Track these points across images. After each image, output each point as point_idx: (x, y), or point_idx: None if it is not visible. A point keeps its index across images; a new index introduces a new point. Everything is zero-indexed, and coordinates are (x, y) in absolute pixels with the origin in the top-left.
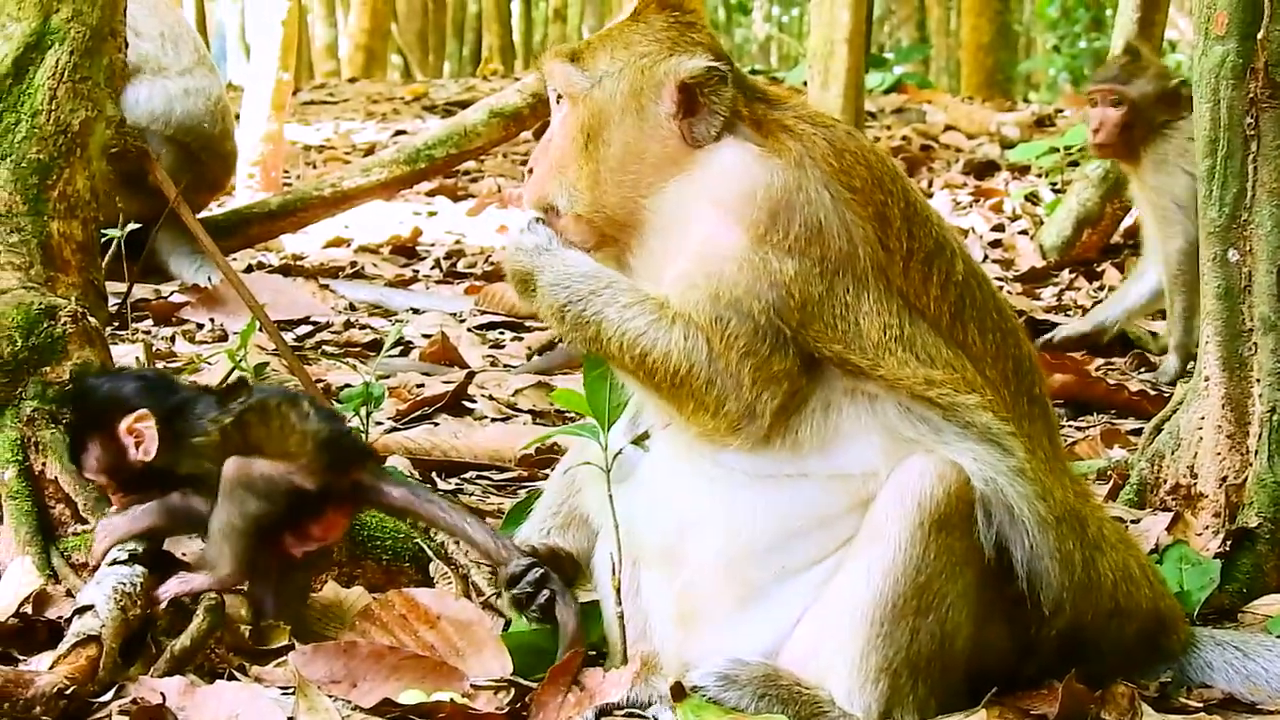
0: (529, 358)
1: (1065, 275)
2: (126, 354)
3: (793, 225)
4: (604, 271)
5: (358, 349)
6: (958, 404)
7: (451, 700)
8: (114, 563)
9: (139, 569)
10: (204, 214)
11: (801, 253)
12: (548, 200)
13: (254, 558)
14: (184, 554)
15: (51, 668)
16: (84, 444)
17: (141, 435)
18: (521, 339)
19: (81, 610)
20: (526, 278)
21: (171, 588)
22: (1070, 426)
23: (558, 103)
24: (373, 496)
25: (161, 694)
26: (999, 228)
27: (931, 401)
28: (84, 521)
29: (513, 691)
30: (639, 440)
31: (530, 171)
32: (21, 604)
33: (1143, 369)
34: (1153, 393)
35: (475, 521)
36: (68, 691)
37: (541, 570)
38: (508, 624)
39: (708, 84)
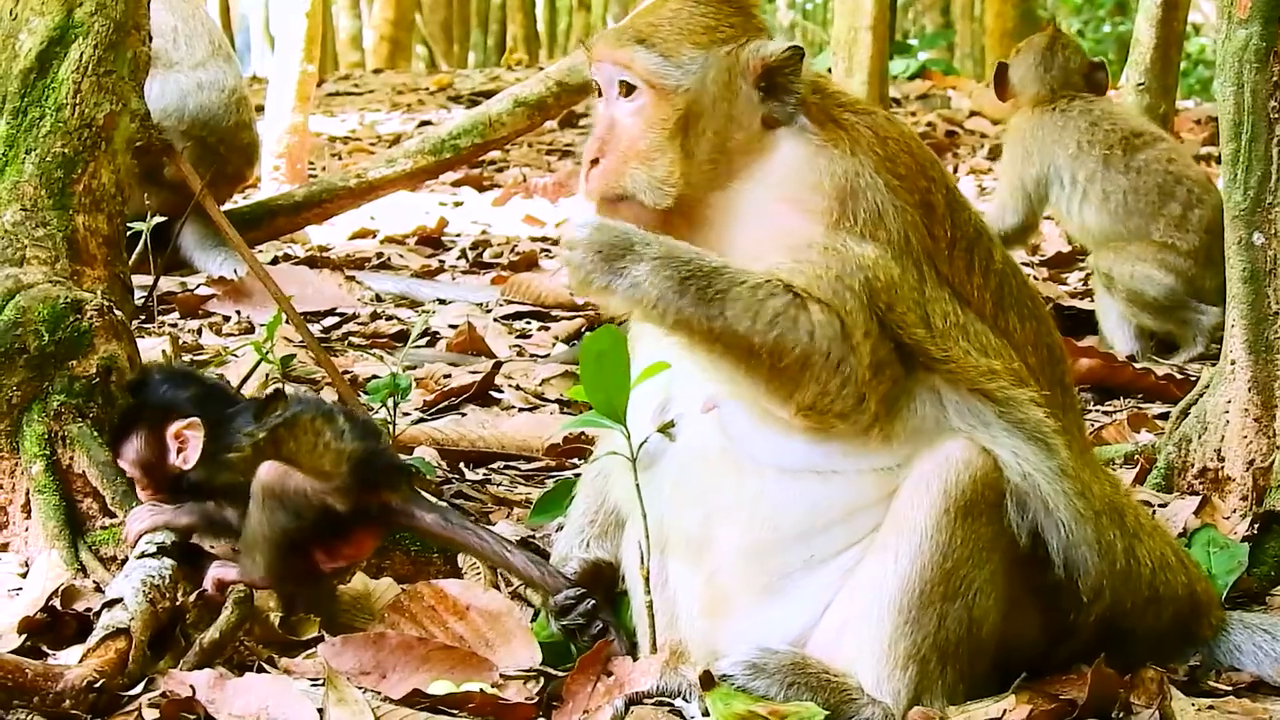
0: (567, 342)
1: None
2: (153, 347)
3: (859, 210)
4: (706, 252)
5: (384, 340)
6: (1013, 398)
7: (481, 690)
8: (142, 555)
9: (168, 562)
10: (229, 206)
11: (872, 236)
12: (621, 192)
13: (284, 563)
14: (211, 546)
15: (81, 660)
16: (129, 435)
17: (186, 442)
18: (548, 328)
19: (110, 603)
20: (618, 255)
21: (214, 573)
22: (1097, 411)
23: (627, 92)
24: (404, 520)
25: (191, 687)
26: None
27: (988, 395)
28: (112, 515)
29: (541, 681)
30: (665, 429)
31: (595, 162)
32: (50, 598)
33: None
34: (1179, 377)
35: (515, 549)
36: (97, 684)
37: (592, 601)
38: (536, 614)
39: (788, 64)
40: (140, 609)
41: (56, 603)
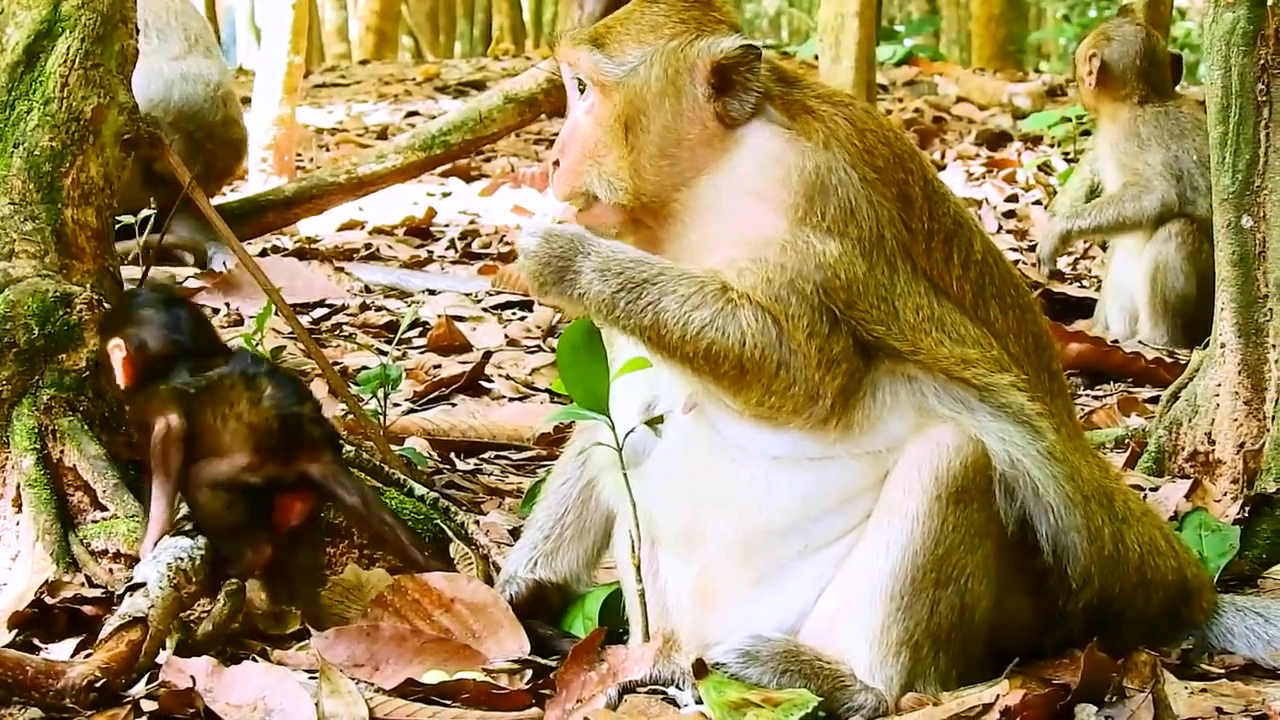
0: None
1: (1079, 245)
2: None
3: (828, 207)
4: (650, 257)
5: (374, 330)
6: (992, 385)
7: (474, 680)
8: (177, 533)
9: (201, 541)
10: (219, 200)
11: (840, 233)
12: (583, 190)
13: (251, 541)
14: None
15: (95, 649)
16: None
17: (113, 362)
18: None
19: (133, 588)
20: (564, 266)
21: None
22: (1087, 395)
23: (581, 91)
24: (325, 493)
25: (191, 677)
26: (1012, 198)
27: (967, 383)
28: (103, 509)
29: (530, 672)
30: (652, 423)
31: (556, 164)
32: (39, 591)
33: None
34: (1169, 360)
35: (431, 560)
36: (98, 683)
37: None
38: None
39: (742, 62)
40: (163, 595)
41: (46, 597)
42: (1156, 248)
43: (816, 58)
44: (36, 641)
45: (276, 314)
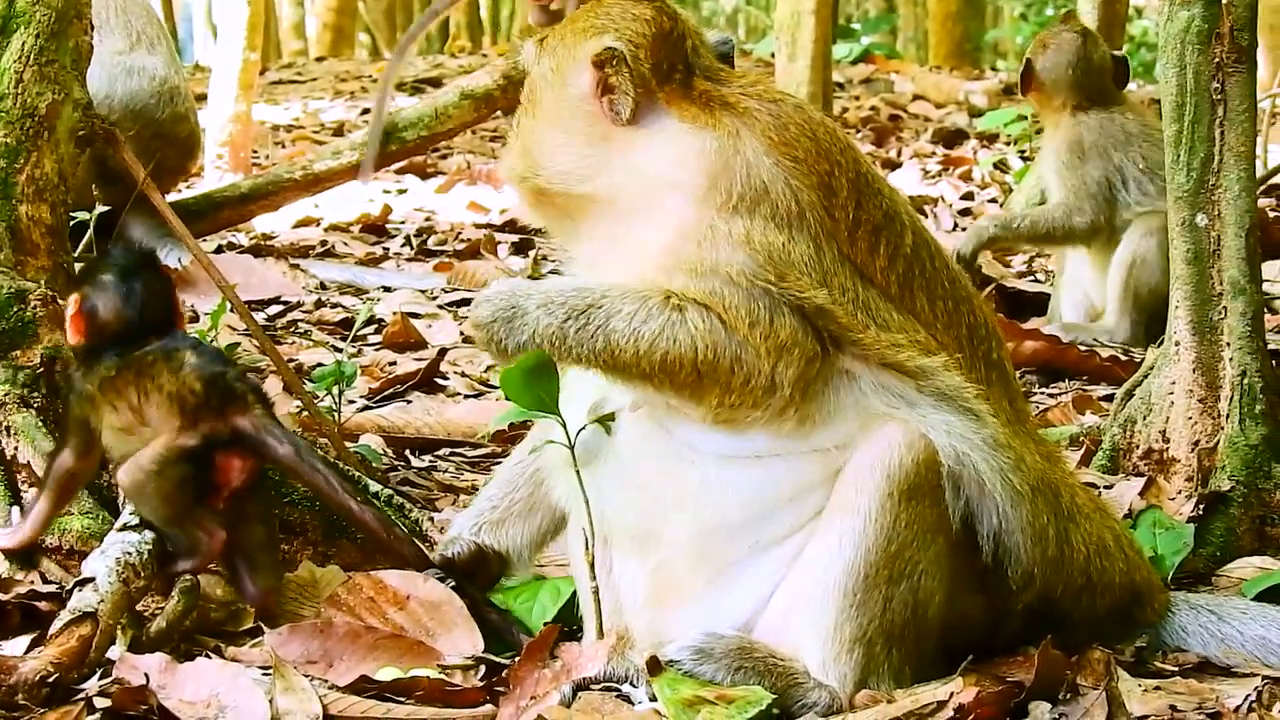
0: None
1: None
2: None
3: (734, 186)
4: (591, 284)
5: (330, 327)
6: (926, 367)
7: (428, 677)
8: (124, 527)
9: (148, 535)
10: (174, 197)
11: (750, 211)
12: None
13: (204, 526)
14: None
15: (46, 643)
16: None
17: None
18: None
19: (82, 583)
20: (511, 315)
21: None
22: (1042, 393)
23: None
24: (258, 447)
25: (144, 673)
26: (968, 196)
27: (902, 367)
28: None
29: (484, 669)
30: (603, 421)
31: None
32: None
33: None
34: (1124, 358)
35: (367, 507)
36: (50, 679)
37: (452, 584)
38: None
39: (609, 64)
40: (112, 590)
41: None
42: (1135, 243)
43: (773, 55)
44: None
45: (231, 311)
